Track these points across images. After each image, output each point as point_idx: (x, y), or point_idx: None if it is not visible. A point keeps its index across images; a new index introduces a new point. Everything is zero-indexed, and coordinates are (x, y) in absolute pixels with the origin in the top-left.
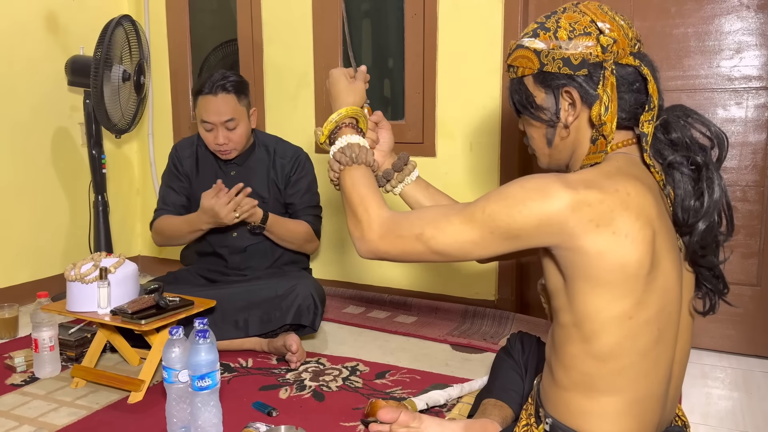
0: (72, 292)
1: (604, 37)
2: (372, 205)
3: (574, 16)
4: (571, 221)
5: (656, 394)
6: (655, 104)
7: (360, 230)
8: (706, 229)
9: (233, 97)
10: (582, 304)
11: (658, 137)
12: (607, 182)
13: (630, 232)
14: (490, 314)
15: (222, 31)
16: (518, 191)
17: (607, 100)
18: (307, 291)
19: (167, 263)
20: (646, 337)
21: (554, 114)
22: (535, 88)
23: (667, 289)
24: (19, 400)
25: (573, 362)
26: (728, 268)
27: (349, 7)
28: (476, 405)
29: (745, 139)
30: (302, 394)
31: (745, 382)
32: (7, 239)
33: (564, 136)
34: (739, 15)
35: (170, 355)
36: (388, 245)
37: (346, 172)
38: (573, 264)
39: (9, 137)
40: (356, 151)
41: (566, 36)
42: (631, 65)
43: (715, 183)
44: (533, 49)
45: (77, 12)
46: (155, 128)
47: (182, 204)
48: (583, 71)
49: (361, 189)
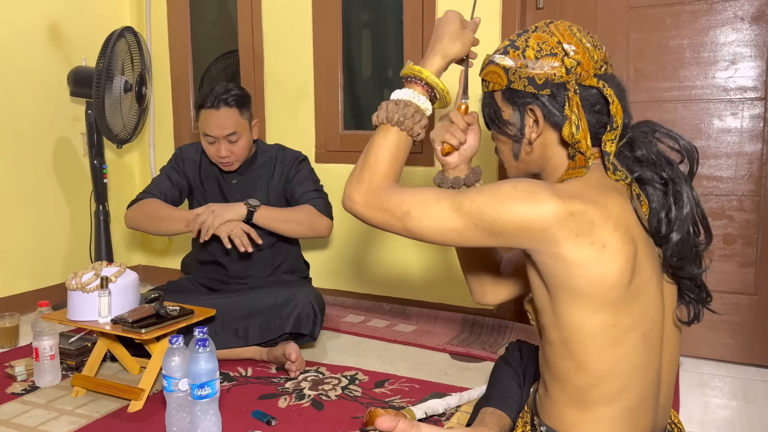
0: (73, 301)
1: (569, 59)
2: (379, 173)
3: (543, 36)
4: (554, 228)
5: (647, 400)
6: (618, 124)
7: (352, 188)
8: (680, 240)
9: (235, 111)
10: (567, 317)
11: (625, 154)
12: (589, 193)
13: (608, 242)
14: (489, 323)
15: (223, 42)
16: (510, 190)
17: (576, 119)
18: (306, 300)
19: (167, 272)
20: (631, 344)
21: (519, 130)
22: (503, 103)
23: (649, 294)
24: (19, 408)
25: (566, 376)
26: (725, 277)
27: (349, 19)
28: (475, 414)
29: (741, 149)
30: (301, 403)
31: (743, 391)
32: (9, 248)
33: (528, 151)
34: (734, 27)
35: (170, 364)
36: (371, 213)
37: (383, 128)
38: (554, 273)
39: (11, 147)
40: (407, 113)
41: (533, 55)
42: (594, 87)
43: (684, 196)
44: (502, 66)
45: (80, 23)
46: (156, 138)
47: (174, 196)
48: (546, 91)
49: (381, 153)
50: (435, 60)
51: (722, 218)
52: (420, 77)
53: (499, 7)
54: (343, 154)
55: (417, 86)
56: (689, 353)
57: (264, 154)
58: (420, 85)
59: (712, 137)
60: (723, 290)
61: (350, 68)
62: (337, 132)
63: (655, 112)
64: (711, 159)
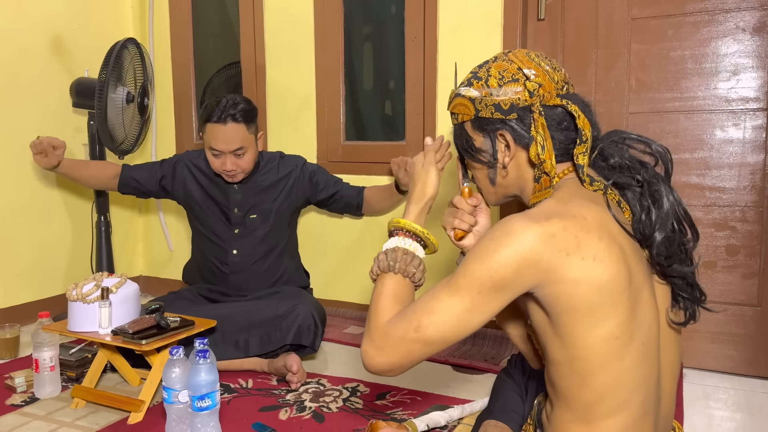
0: (73, 312)
1: (530, 83)
2: (381, 316)
3: (503, 64)
4: (545, 255)
5: (649, 411)
6: (588, 137)
7: (365, 345)
8: (665, 239)
9: (242, 126)
10: (570, 336)
11: (599, 165)
12: (564, 210)
13: (597, 254)
14: (492, 335)
15: (225, 54)
16: (488, 243)
17: (542, 140)
18: (307, 311)
19: (168, 283)
20: (632, 355)
21: (492, 156)
22: (473, 132)
23: (643, 301)
24: (19, 420)
25: (570, 393)
26: (728, 288)
27: (351, 31)
28: (477, 426)
29: (743, 160)
30: (302, 415)
31: (747, 404)
32: (10, 259)
33: (504, 175)
34: (735, 38)
35: (170, 376)
36: (390, 355)
37: (379, 278)
38: (555, 300)
39: (14, 157)
40: (398, 258)
41: (496, 83)
42: (558, 105)
43: (663, 195)
44: (468, 97)
45: (82, 35)
46: (158, 149)
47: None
48: (513, 115)
49: (381, 300)
50: (411, 209)
51: (725, 229)
52: (399, 227)
53: (501, 18)
54: (345, 165)
55: (401, 234)
56: (693, 365)
57: (267, 161)
58: (402, 233)
59: (715, 148)
60: (726, 301)
61: (352, 80)
62: (339, 143)
63: (656, 122)
64: (713, 170)
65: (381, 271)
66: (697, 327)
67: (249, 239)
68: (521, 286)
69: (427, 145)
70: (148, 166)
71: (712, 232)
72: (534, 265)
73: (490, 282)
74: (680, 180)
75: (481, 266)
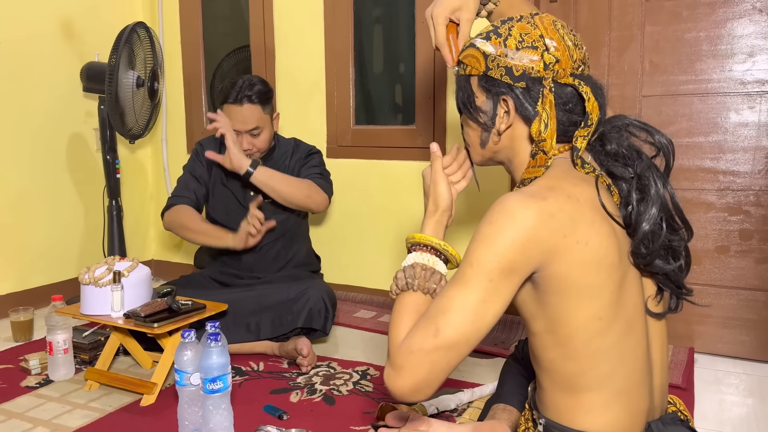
0: (86, 296)
1: (548, 55)
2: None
3: (527, 27)
4: (545, 235)
5: (639, 382)
6: (593, 121)
7: (387, 371)
8: (649, 232)
9: (258, 107)
10: (553, 313)
11: (596, 149)
12: (558, 190)
13: (589, 238)
14: (501, 320)
15: (235, 37)
16: (489, 229)
17: (546, 118)
18: (318, 295)
19: (180, 267)
20: (615, 332)
21: (490, 119)
22: (477, 89)
23: (630, 281)
24: (33, 402)
25: (553, 366)
26: (742, 273)
27: (360, 14)
28: (486, 410)
29: (758, 144)
30: (313, 398)
31: (759, 389)
32: (23, 243)
33: (496, 141)
34: (752, 19)
35: (182, 358)
36: (412, 372)
37: (399, 297)
38: (547, 280)
39: (25, 142)
40: (416, 274)
41: (514, 45)
42: (570, 85)
43: (652, 188)
44: (482, 51)
45: (92, 19)
46: (169, 134)
47: (203, 194)
48: (521, 84)
49: (399, 318)
50: (427, 224)
51: (739, 213)
52: (416, 242)
53: None
54: (354, 149)
55: (418, 249)
56: (704, 350)
57: (281, 146)
58: (420, 247)
59: (729, 131)
60: (739, 287)
61: (362, 63)
62: (348, 127)
63: (670, 106)
64: (728, 153)
65: (400, 290)
66: (709, 312)
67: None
68: (529, 266)
69: (433, 153)
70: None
71: (725, 216)
72: (537, 246)
73: (498, 268)
74: (693, 164)
75: (487, 253)
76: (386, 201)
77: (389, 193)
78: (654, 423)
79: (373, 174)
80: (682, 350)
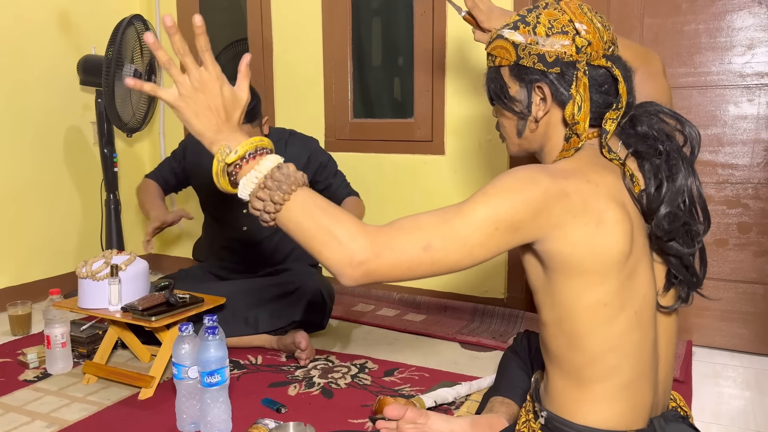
0: (83, 290)
1: (580, 38)
2: (346, 220)
3: (554, 13)
4: (556, 210)
5: (644, 375)
6: (624, 104)
7: (344, 253)
8: (668, 214)
9: (246, 126)
10: (560, 295)
11: (626, 131)
12: (582, 171)
13: (600, 222)
14: (500, 312)
15: (232, 30)
16: (513, 183)
17: (580, 101)
18: (316, 288)
19: (178, 260)
20: (623, 323)
21: (526, 107)
22: (510, 79)
23: (641, 272)
24: (31, 395)
25: (561, 355)
26: (740, 266)
27: (359, 6)
28: (484, 402)
29: (757, 136)
30: (311, 391)
31: (757, 381)
32: (21, 237)
33: (533, 128)
34: (751, 11)
35: (180, 352)
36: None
37: (285, 205)
38: (552, 256)
39: (22, 136)
40: (282, 176)
41: (544, 32)
42: (603, 66)
43: (680, 170)
44: (512, 41)
45: (89, 12)
46: (166, 127)
47: (168, 181)
48: (555, 69)
49: (316, 211)
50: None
51: (737, 206)
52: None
53: None
54: (352, 142)
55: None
56: (702, 343)
57: (275, 139)
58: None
59: (728, 124)
60: (737, 280)
61: (360, 56)
62: (346, 120)
63: None
64: (726, 146)
65: (280, 203)
66: (707, 305)
67: None
68: (530, 233)
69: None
70: (164, 163)
71: (724, 209)
72: (547, 217)
73: (509, 221)
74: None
75: (504, 202)
76: (384, 194)
77: (387, 186)
78: (656, 419)
79: (371, 167)
80: (681, 343)
